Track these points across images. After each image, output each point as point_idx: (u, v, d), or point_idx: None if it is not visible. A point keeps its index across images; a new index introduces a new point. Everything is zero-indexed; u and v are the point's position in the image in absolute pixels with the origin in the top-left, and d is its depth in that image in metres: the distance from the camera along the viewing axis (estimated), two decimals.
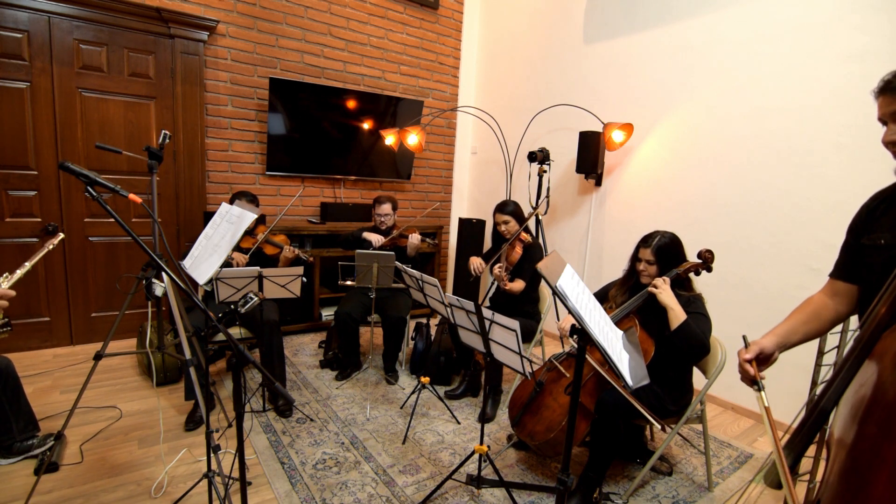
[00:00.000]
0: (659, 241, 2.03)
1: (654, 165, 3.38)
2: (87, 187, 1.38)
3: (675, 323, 1.87)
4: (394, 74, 4.45)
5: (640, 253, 2.08)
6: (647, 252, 2.04)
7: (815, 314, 1.26)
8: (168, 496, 1.90)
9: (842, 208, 2.48)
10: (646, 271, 2.06)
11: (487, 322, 1.77)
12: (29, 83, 2.99)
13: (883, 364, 0.78)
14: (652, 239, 2.05)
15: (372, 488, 2.04)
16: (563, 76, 4.01)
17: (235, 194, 2.96)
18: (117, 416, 2.48)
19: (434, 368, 3.08)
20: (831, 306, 1.25)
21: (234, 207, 1.88)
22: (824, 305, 1.26)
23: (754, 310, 2.86)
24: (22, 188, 3.08)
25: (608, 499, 2.03)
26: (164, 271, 1.35)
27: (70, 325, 3.34)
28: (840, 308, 1.24)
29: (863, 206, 1.19)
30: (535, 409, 2.14)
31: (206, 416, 1.67)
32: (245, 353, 1.27)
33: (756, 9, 2.80)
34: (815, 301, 1.28)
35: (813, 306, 1.27)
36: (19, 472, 2.00)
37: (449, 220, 5.15)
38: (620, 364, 1.30)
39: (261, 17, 3.71)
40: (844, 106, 2.47)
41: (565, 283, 1.31)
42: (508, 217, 2.80)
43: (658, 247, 2.02)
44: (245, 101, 3.75)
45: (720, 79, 2.98)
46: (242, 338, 2.78)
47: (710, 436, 2.56)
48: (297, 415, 2.59)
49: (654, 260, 2.03)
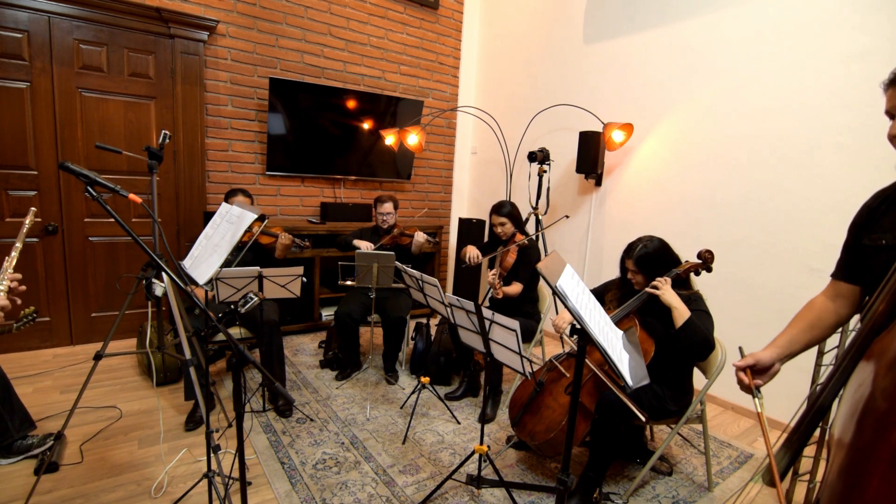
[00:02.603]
0: (641, 250, 2.01)
1: (654, 165, 3.38)
2: (87, 187, 1.38)
3: (680, 320, 1.86)
4: (394, 74, 4.45)
5: (626, 263, 2.08)
6: (630, 263, 2.04)
7: (818, 319, 1.23)
8: (168, 496, 1.90)
9: (842, 208, 2.48)
10: (633, 279, 2.06)
11: (487, 322, 1.77)
12: (29, 83, 2.99)
13: (879, 364, 0.78)
14: (633, 249, 2.03)
15: (372, 488, 2.04)
16: (563, 76, 4.01)
17: (229, 192, 2.94)
18: (117, 416, 2.48)
19: (434, 368, 3.08)
20: (833, 309, 1.23)
21: (234, 207, 1.87)
22: (826, 309, 1.23)
23: (754, 310, 2.86)
24: (22, 188, 3.08)
25: (608, 499, 2.03)
26: (164, 271, 1.35)
27: (70, 325, 3.34)
28: (842, 311, 1.22)
29: (864, 205, 1.18)
30: (535, 409, 2.14)
31: (206, 416, 1.67)
32: (245, 353, 1.27)
33: (756, 9, 2.80)
34: (817, 305, 1.25)
35: (815, 312, 1.24)
36: (19, 472, 2.00)
37: (449, 220, 5.15)
38: (620, 364, 1.30)
39: (261, 17, 3.71)
40: (844, 106, 2.47)
41: (565, 283, 1.31)
42: (504, 219, 2.78)
43: (639, 256, 2.01)
44: (245, 101, 3.75)
45: (720, 79, 2.98)
46: (242, 338, 2.78)
47: (710, 436, 2.56)
48: (297, 415, 2.59)
49: (638, 270, 2.02)
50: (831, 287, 1.25)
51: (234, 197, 2.88)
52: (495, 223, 2.81)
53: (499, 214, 2.79)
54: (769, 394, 2.87)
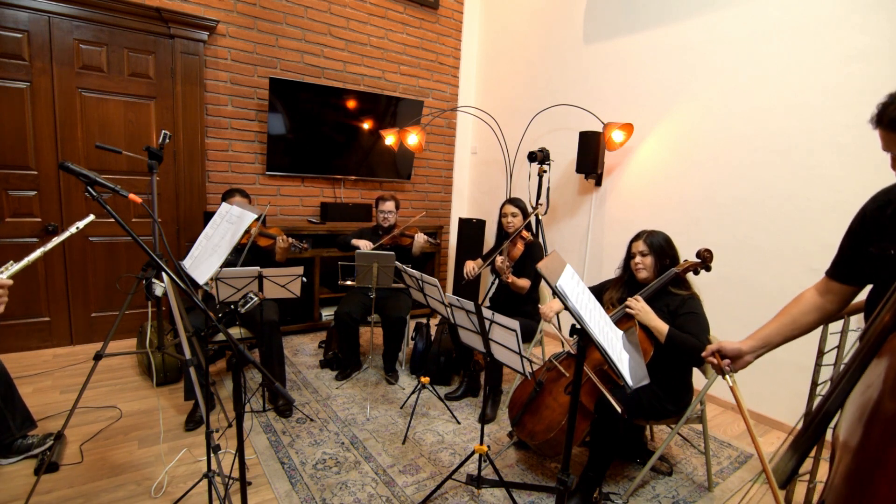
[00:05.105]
0: (650, 233, 2.10)
1: (654, 165, 3.38)
2: (87, 187, 1.38)
3: (661, 337, 1.91)
4: (394, 74, 4.45)
5: (633, 247, 2.12)
6: (640, 244, 2.08)
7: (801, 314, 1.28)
8: (168, 496, 1.90)
9: (842, 208, 2.48)
10: (641, 264, 2.08)
11: (487, 322, 1.77)
12: (29, 83, 2.99)
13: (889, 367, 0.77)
14: (643, 233, 2.12)
15: (372, 488, 2.04)
16: (563, 76, 4.01)
17: (227, 192, 2.94)
18: (117, 416, 2.48)
19: (434, 368, 3.08)
20: (819, 305, 1.27)
21: (234, 207, 1.87)
22: (812, 304, 1.27)
23: (754, 310, 2.86)
24: (22, 188, 3.08)
25: (608, 499, 2.03)
26: (164, 271, 1.35)
27: (70, 325, 3.34)
28: (829, 307, 1.26)
29: (866, 209, 1.17)
30: (535, 408, 2.14)
31: (206, 416, 1.67)
32: (245, 353, 1.27)
33: (756, 9, 2.80)
34: (804, 300, 1.29)
35: (800, 306, 1.29)
36: (19, 472, 2.00)
37: (449, 220, 5.15)
38: (620, 364, 1.30)
39: (261, 17, 3.71)
40: (844, 106, 2.47)
41: (565, 283, 1.31)
42: (517, 210, 2.83)
43: (650, 236, 2.08)
44: (245, 101, 3.75)
45: (720, 79, 2.98)
46: (242, 338, 2.78)
47: (710, 436, 2.56)
48: (297, 415, 2.59)
49: (649, 251, 2.06)
50: (824, 284, 1.28)
51: (231, 197, 2.88)
52: (506, 213, 2.85)
53: (514, 205, 2.84)
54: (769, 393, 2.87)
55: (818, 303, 1.27)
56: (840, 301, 1.25)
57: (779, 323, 1.29)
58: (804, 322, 1.27)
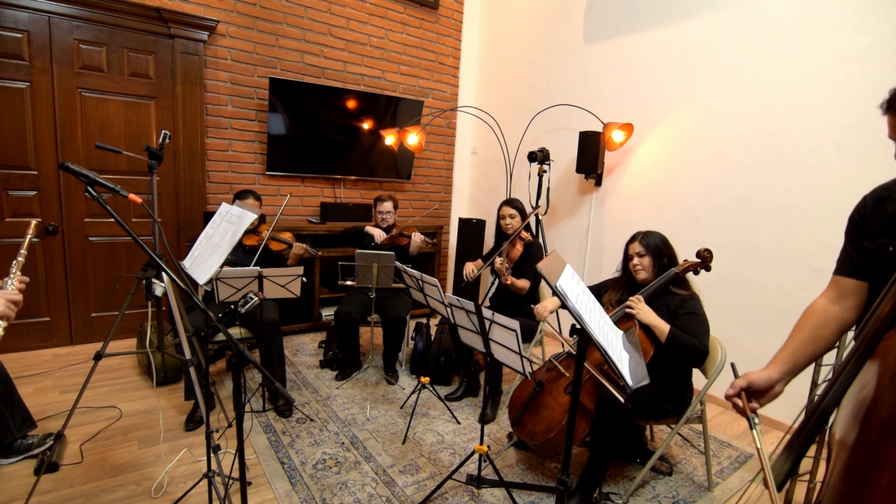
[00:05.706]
0: (645, 234, 2.11)
1: (653, 165, 3.38)
2: (87, 187, 1.38)
3: (662, 336, 1.91)
4: (394, 74, 4.45)
5: (630, 249, 2.13)
6: (636, 245, 2.09)
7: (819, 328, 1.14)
8: (168, 496, 1.90)
9: (842, 208, 2.47)
10: (639, 265, 2.09)
11: (487, 322, 1.77)
12: (29, 83, 2.99)
13: (885, 366, 0.77)
14: (638, 234, 2.13)
15: (372, 488, 2.04)
16: (563, 76, 4.01)
17: (239, 193, 2.95)
18: (117, 416, 2.48)
19: (434, 368, 3.08)
20: (835, 314, 1.13)
21: (234, 207, 1.87)
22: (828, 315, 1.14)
23: (754, 310, 2.86)
24: (22, 188, 3.08)
25: (608, 499, 2.03)
26: (164, 271, 1.35)
27: (70, 325, 3.34)
28: (847, 315, 1.13)
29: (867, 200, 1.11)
30: (535, 408, 2.14)
31: (206, 416, 1.67)
32: (245, 353, 1.27)
33: (756, 9, 2.80)
34: (818, 312, 1.16)
35: (815, 319, 1.15)
36: (19, 472, 2.00)
37: (449, 220, 5.14)
38: (620, 364, 1.30)
39: (261, 17, 3.71)
40: (844, 106, 2.47)
41: (565, 283, 1.31)
42: (515, 211, 2.83)
43: (645, 237, 2.09)
44: (245, 101, 3.75)
45: (720, 79, 2.98)
46: (242, 338, 2.78)
47: (710, 436, 2.56)
48: (297, 415, 2.59)
49: (645, 252, 2.07)
50: (834, 286, 1.16)
51: (245, 199, 2.89)
52: (505, 214, 2.85)
53: (511, 206, 2.84)
54: None
55: (834, 311, 1.14)
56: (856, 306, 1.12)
57: (798, 341, 1.14)
58: (822, 335, 1.13)
